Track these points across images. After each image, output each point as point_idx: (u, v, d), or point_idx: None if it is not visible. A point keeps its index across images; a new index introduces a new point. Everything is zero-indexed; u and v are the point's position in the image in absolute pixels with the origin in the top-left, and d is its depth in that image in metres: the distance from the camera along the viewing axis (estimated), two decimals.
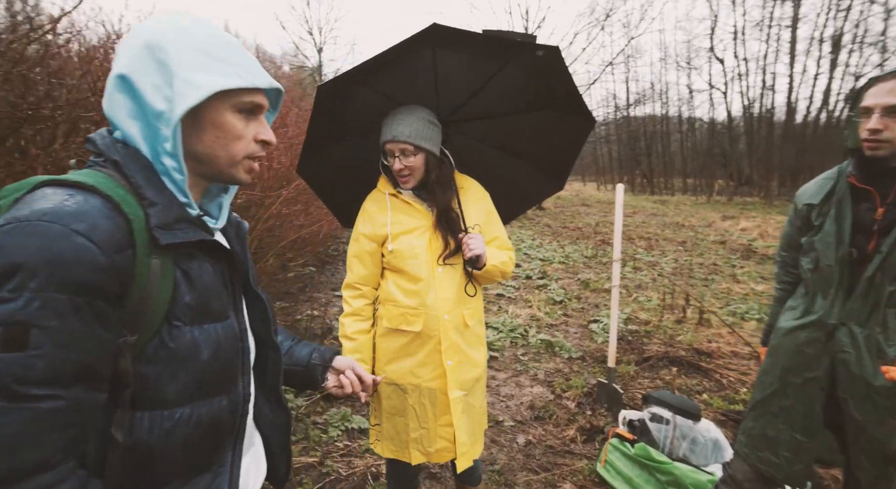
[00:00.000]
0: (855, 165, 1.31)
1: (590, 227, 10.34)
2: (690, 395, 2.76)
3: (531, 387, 2.98)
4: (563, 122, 1.55)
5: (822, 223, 1.37)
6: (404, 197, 1.39)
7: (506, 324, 3.98)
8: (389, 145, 1.33)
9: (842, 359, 1.31)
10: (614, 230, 2.63)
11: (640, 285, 5.52)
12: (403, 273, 1.37)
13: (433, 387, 1.41)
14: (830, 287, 1.33)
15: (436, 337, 1.39)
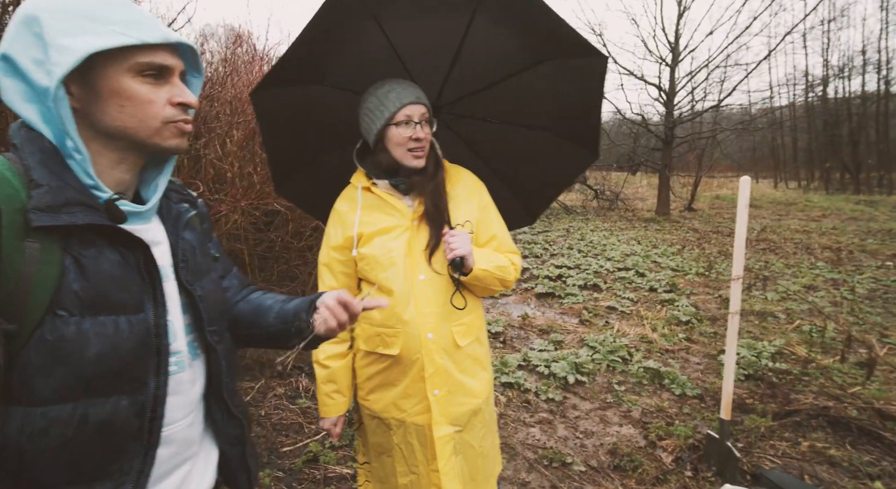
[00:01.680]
0: None
1: (753, 233, 8.49)
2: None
3: (619, 427, 2.44)
4: (569, 71, 1.20)
5: None
6: (380, 191, 1.16)
7: (605, 343, 3.40)
8: (409, 109, 1.10)
9: None
10: (735, 237, 1.96)
11: (812, 310, 4.24)
12: (375, 283, 1.15)
13: (420, 422, 1.17)
14: None
15: (418, 361, 1.14)
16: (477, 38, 1.21)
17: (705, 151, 13.72)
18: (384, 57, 1.22)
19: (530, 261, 6.44)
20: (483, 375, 1.26)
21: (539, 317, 4.24)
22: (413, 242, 1.14)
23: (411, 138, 1.10)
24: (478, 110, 1.44)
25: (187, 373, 0.69)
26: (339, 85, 1.27)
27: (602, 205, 12.97)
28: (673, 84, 10.77)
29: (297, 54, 1.08)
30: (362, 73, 1.22)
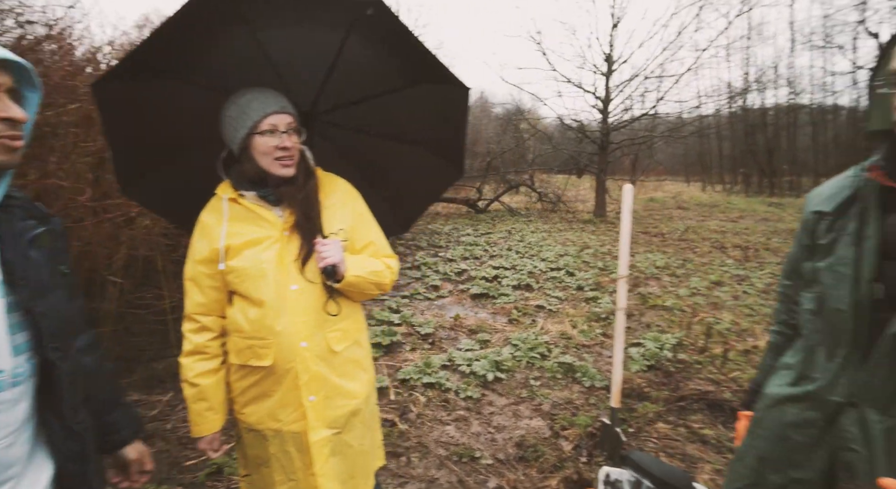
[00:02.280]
0: (885, 155, 0.83)
1: (676, 233, 9.15)
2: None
3: (529, 420, 2.59)
4: (438, 96, 1.29)
5: (832, 243, 0.89)
6: (247, 202, 1.18)
7: (527, 341, 3.57)
8: (274, 118, 1.12)
9: (846, 459, 0.82)
10: (620, 240, 2.15)
11: (717, 304, 4.65)
12: (246, 296, 1.16)
13: (296, 430, 1.19)
14: (839, 344, 0.85)
15: (292, 370, 1.16)
16: (352, 55, 1.27)
17: (639, 156, 14.60)
18: (256, 60, 1.23)
19: (470, 262, 6.59)
20: (363, 376, 1.31)
21: (471, 317, 4.37)
22: (284, 253, 1.18)
23: (277, 147, 1.13)
24: (354, 121, 1.50)
25: (8, 393, 0.69)
26: (205, 84, 1.26)
27: (545, 207, 13.44)
28: (608, 93, 11.38)
29: (156, 47, 1.06)
30: (231, 75, 1.22)
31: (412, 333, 3.84)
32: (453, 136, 1.46)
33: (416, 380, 2.95)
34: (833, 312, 0.85)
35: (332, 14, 1.15)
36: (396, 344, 3.60)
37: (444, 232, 9.28)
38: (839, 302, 0.84)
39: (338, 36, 1.21)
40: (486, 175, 12.74)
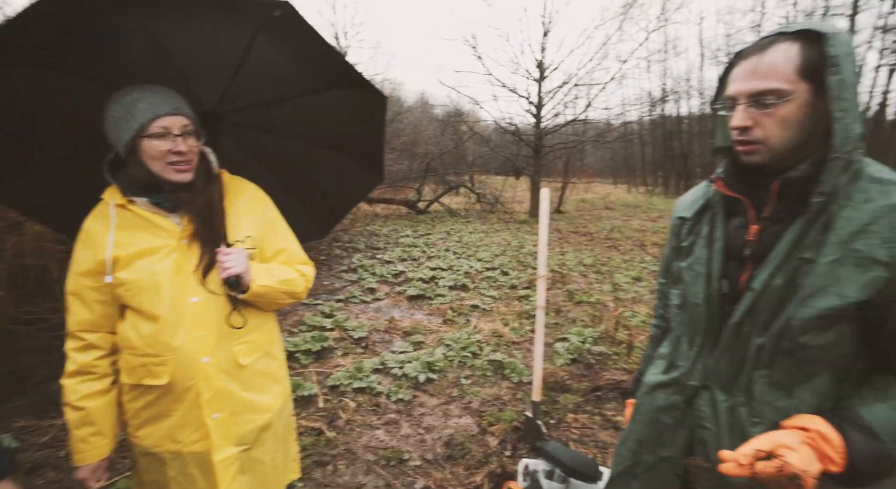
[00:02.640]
0: (726, 168, 0.93)
1: (603, 232, 9.74)
2: None
3: (458, 418, 2.64)
4: (355, 102, 1.30)
5: (692, 245, 1.00)
6: (138, 208, 1.11)
7: (460, 340, 3.64)
8: (165, 121, 1.05)
9: (700, 436, 0.93)
10: (539, 241, 2.26)
11: (636, 298, 5.01)
12: (138, 310, 1.09)
13: (199, 450, 1.13)
14: (697, 334, 0.96)
15: (192, 388, 1.10)
16: (261, 55, 1.23)
17: (570, 159, 15.36)
18: (149, 54, 1.16)
19: (408, 264, 6.59)
20: (275, 389, 1.28)
21: (406, 319, 4.37)
22: (182, 263, 1.12)
23: (170, 152, 1.07)
24: (268, 124, 1.47)
25: None
26: (89, 77, 1.16)
27: (484, 207, 13.75)
28: (540, 98, 11.87)
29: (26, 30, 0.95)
30: (120, 68, 1.13)
31: (345, 338, 3.77)
32: (372, 143, 1.48)
33: (347, 386, 2.91)
34: (692, 306, 0.95)
35: (237, 13, 1.11)
36: (328, 349, 3.52)
37: (383, 233, 9.21)
38: (696, 297, 0.94)
39: (244, 35, 1.17)
40: (425, 176, 12.79)
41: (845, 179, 0.77)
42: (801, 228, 0.79)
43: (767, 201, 0.86)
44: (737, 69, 0.84)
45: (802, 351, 0.79)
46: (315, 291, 5.16)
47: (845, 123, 0.74)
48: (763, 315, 0.83)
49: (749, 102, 0.81)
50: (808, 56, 0.77)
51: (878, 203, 0.75)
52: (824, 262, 0.76)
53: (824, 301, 0.76)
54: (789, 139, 0.80)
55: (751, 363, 0.85)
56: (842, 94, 0.74)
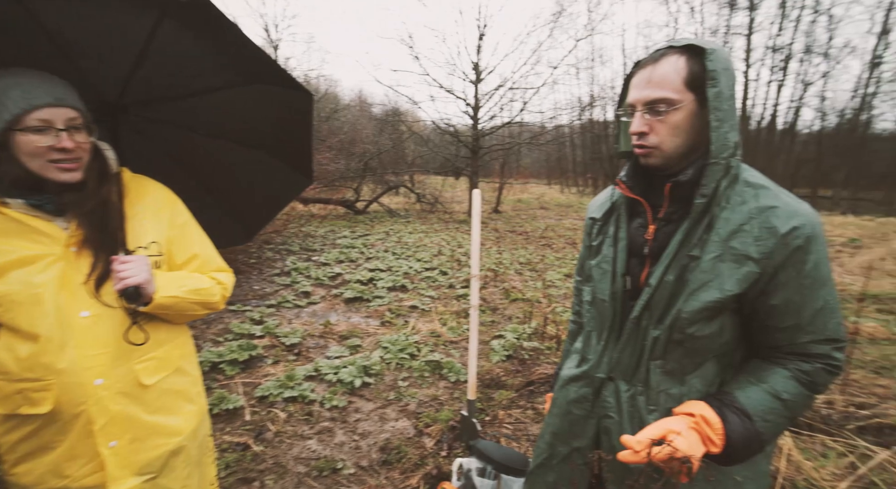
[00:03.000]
0: (628, 172, 0.99)
1: (538, 231, 10.12)
2: None
3: (395, 422, 2.61)
4: (279, 99, 1.24)
5: (600, 244, 1.05)
6: (13, 211, 0.97)
7: (398, 342, 3.61)
8: (46, 112, 0.92)
9: (606, 425, 0.98)
10: (472, 241, 2.28)
11: (567, 294, 5.25)
12: (13, 329, 0.95)
13: (93, 484, 0.99)
14: (604, 329, 1.01)
15: (83, 415, 0.96)
16: (169, 44, 1.13)
17: (507, 161, 15.81)
18: (31, 36, 1.02)
19: (345, 265, 6.42)
20: (187, 408, 1.17)
21: (343, 323, 4.26)
22: (70, 274, 0.98)
23: (52, 148, 0.94)
24: (182, 118, 1.35)
25: None
26: None
27: (424, 207, 13.77)
28: (477, 100, 12.09)
29: None
30: None
31: (276, 345, 3.59)
32: (299, 142, 1.41)
33: (277, 396, 2.77)
34: (600, 303, 1.00)
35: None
36: (257, 358, 3.33)
37: (320, 234, 8.91)
38: (603, 293, 0.99)
39: (147, 20, 1.06)
40: (364, 175, 12.56)
41: (725, 183, 0.84)
42: (689, 228, 0.86)
43: (663, 203, 0.92)
44: (635, 78, 0.90)
45: (691, 341, 0.86)
46: (244, 297, 4.88)
47: (721, 132, 0.82)
48: (658, 309, 0.89)
49: (645, 109, 0.87)
50: (693, 69, 0.84)
51: (751, 205, 0.83)
52: (707, 259, 0.83)
53: (707, 294, 0.83)
54: (680, 145, 0.87)
55: (647, 354, 0.91)
56: (719, 105, 0.81)
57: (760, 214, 0.81)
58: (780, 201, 0.82)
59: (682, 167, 0.90)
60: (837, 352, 0.83)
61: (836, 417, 2.58)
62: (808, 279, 0.80)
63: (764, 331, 0.86)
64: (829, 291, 0.82)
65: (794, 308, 0.81)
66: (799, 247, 0.79)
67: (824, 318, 0.82)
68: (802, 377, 0.83)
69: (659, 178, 0.94)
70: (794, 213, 0.80)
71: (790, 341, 0.84)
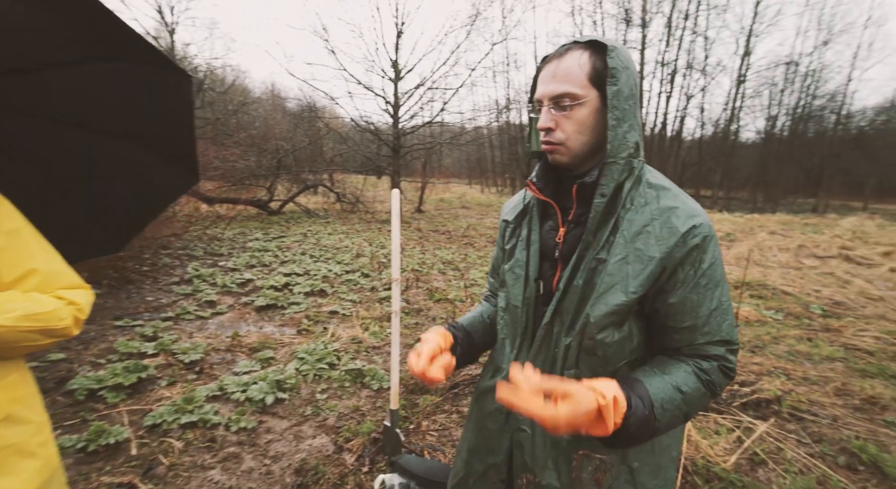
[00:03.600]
0: (538, 173, 0.95)
1: (460, 230, 10.24)
2: None
3: (312, 439, 2.41)
4: (150, 81, 1.04)
5: (513, 248, 1.00)
6: None
7: (316, 352, 3.37)
8: None
9: (518, 438, 0.94)
10: (392, 243, 2.17)
11: None
12: None
13: None
14: (517, 336, 0.96)
15: None
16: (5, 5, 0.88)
17: (429, 160, 15.84)
18: None
19: (257, 271, 5.94)
20: (25, 465, 0.92)
21: (253, 333, 3.90)
22: None
23: None
24: (21, 100, 1.08)
25: None
26: None
27: (344, 207, 13.31)
28: (397, 98, 11.93)
29: None
30: None
31: (172, 363, 3.18)
32: (178, 133, 1.20)
33: (172, 423, 2.43)
34: (513, 309, 0.96)
35: None
36: (147, 380, 2.91)
37: (227, 237, 8.19)
38: (516, 299, 0.94)
39: None
40: (278, 173, 11.80)
41: (629, 185, 0.84)
42: (595, 230, 0.84)
43: (572, 205, 0.90)
44: (541, 73, 0.87)
45: (602, 348, 0.84)
46: (134, 310, 4.29)
47: (620, 131, 0.81)
48: (568, 314, 0.86)
49: (551, 104, 0.84)
50: (596, 65, 0.82)
51: (654, 206, 0.82)
52: (613, 262, 0.81)
53: (614, 297, 0.81)
54: (585, 142, 0.86)
55: (560, 363, 0.87)
56: (618, 103, 0.80)
57: (662, 215, 0.81)
58: (680, 202, 0.83)
59: (588, 167, 0.89)
60: (731, 355, 0.84)
61: (724, 396, 2.86)
62: (703, 278, 0.80)
63: (663, 332, 0.85)
64: (722, 292, 0.83)
65: (691, 307, 0.81)
66: (697, 246, 0.79)
67: (719, 319, 0.82)
68: (702, 375, 0.82)
69: (568, 179, 0.92)
70: (692, 213, 0.81)
71: (688, 342, 0.83)
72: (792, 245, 8.68)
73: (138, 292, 4.87)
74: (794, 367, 3.37)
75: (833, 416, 2.68)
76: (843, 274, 6.43)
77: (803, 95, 22.42)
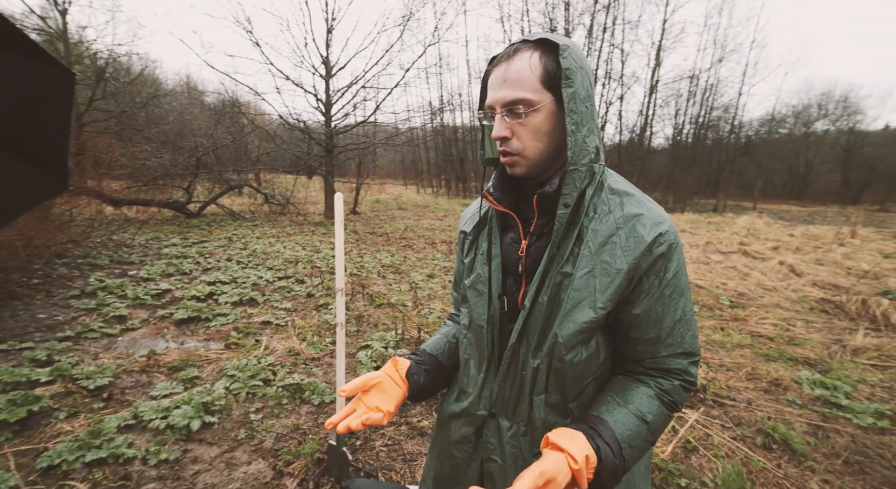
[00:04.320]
0: (494, 180, 0.89)
1: (398, 232, 10.10)
2: None
3: (248, 466, 2.20)
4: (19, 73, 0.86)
5: (473, 262, 0.94)
6: None
7: (248, 367, 3.11)
8: None
9: (489, 469, 0.88)
10: (336, 251, 2.03)
11: (432, 295, 5.27)
12: None
13: None
14: (482, 358, 0.90)
15: None
16: None
17: (363, 160, 15.48)
18: None
19: (175, 280, 5.39)
20: None
21: (173, 351, 3.51)
22: None
23: None
24: None
25: None
26: None
27: (274, 209, 12.59)
28: (328, 96, 11.50)
29: None
30: None
31: (73, 391, 2.76)
32: (48, 135, 1.01)
33: (74, 462, 2.09)
34: (477, 328, 0.89)
35: None
36: (41, 414, 2.50)
37: (138, 244, 7.38)
38: (480, 318, 0.88)
39: None
40: (196, 173, 10.87)
41: (591, 192, 0.80)
42: (559, 241, 0.80)
43: (534, 215, 0.85)
44: (491, 76, 0.81)
45: (571, 368, 0.79)
46: (21, 331, 3.69)
47: (579, 136, 0.76)
48: (535, 334, 0.81)
49: (504, 112, 0.79)
50: (548, 66, 0.77)
51: (618, 214, 0.79)
52: (580, 276, 0.77)
53: (581, 314, 0.77)
54: (543, 150, 0.80)
55: (529, 387, 0.83)
56: (575, 106, 0.75)
57: (627, 223, 0.78)
58: (645, 208, 0.80)
59: (548, 175, 0.84)
60: (693, 367, 0.81)
61: None
62: (668, 288, 0.78)
63: (625, 344, 0.82)
64: (686, 302, 0.80)
65: (656, 317, 0.78)
66: (662, 255, 0.77)
67: (682, 330, 0.79)
68: (664, 396, 0.79)
69: (527, 188, 0.87)
70: (657, 220, 0.78)
71: (651, 355, 0.80)
72: (700, 242, 9.58)
73: (26, 309, 4.20)
74: (712, 356, 3.68)
75: (748, 400, 2.95)
76: (742, 267, 7.20)
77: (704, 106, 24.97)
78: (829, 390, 3.09)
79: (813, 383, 3.20)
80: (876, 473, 2.21)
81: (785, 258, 7.49)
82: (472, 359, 0.91)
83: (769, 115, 32.52)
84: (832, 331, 4.37)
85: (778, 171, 32.98)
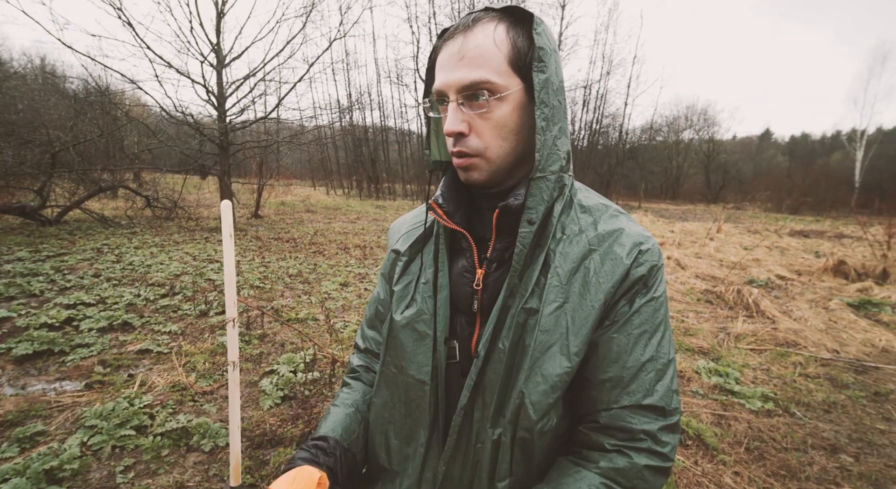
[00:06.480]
0: (443, 192, 0.68)
1: (307, 237, 9.43)
2: None
3: None
4: None
5: (411, 292, 0.71)
6: None
7: (114, 413, 2.52)
8: None
9: None
10: (225, 274, 1.64)
11: (346, 305, 4.89)
12: None
13: None
14: (423, 425, 0.67)
15: None
16: None
17: (265, 160, 14.30)
18: None
19: (17, 305, 4.35)
20: None
21: (9, 399, 2.75)
22: None
23: None
24: None
25: None
26: None
27: (158, 214, 11.06)
28: (222, 88, 10.38)
29: None
30: None
31: None
32: None
33: None
34: (415, 385, 0.67)
35: None
36: None
37: None
38: (420, 371, 0.66)
39: None
40: (52, 172, 9.11)
41: (560, 207, 0.63)
42: (521, 270, 0.62)
43: (491, 235, 0.66)
44: (441, 54, 0.61)
45: (541, 439, 0.61)
46: None
47: (549, 136, 0.59)
48: (494, 393, 0.61)
49: (461, 99, 0.59)
50: (518, 43, 0.58)
51: (590, 234, 0.63)
52: (548, 313, 0.60)
53: (552, 365, 0.59)
54: (509, 152, 0.62)
55: (488, 468, 0.62)
56: (547, 97, 0.58)
57: (602, 244, 0.62)
58: (622, 223, 0.65)
59: (510, 185, 0.65)
60: (666, 434, 0.60)
61: None
62: (638, 317, 0.62)
63: (579, 390, 0.64)
64: (663, 342, 0.63)
65: (617, 351, 0.61)
66: (641, 278, 0.62)
67: (650, 375, 0.61)
68: (616, 483, 0.58)
69: (485, 200, 0.67)
70: (639, 238, 0.64)
71: (606, 403, 0.61)
72: None
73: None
74: None
75: None
76: None
77: (596, 114, 27.31)
78: (723, 377, 3.36)
79: (710, 372, 3.47)
80: (773, 458, 2.39)
81: (672, 253, 8.31)
82: (406, 427, 0.68)
83: (648, 123, 36.67)
84: (717, 320, 4.86)
85: (656, 174, 37.43)
